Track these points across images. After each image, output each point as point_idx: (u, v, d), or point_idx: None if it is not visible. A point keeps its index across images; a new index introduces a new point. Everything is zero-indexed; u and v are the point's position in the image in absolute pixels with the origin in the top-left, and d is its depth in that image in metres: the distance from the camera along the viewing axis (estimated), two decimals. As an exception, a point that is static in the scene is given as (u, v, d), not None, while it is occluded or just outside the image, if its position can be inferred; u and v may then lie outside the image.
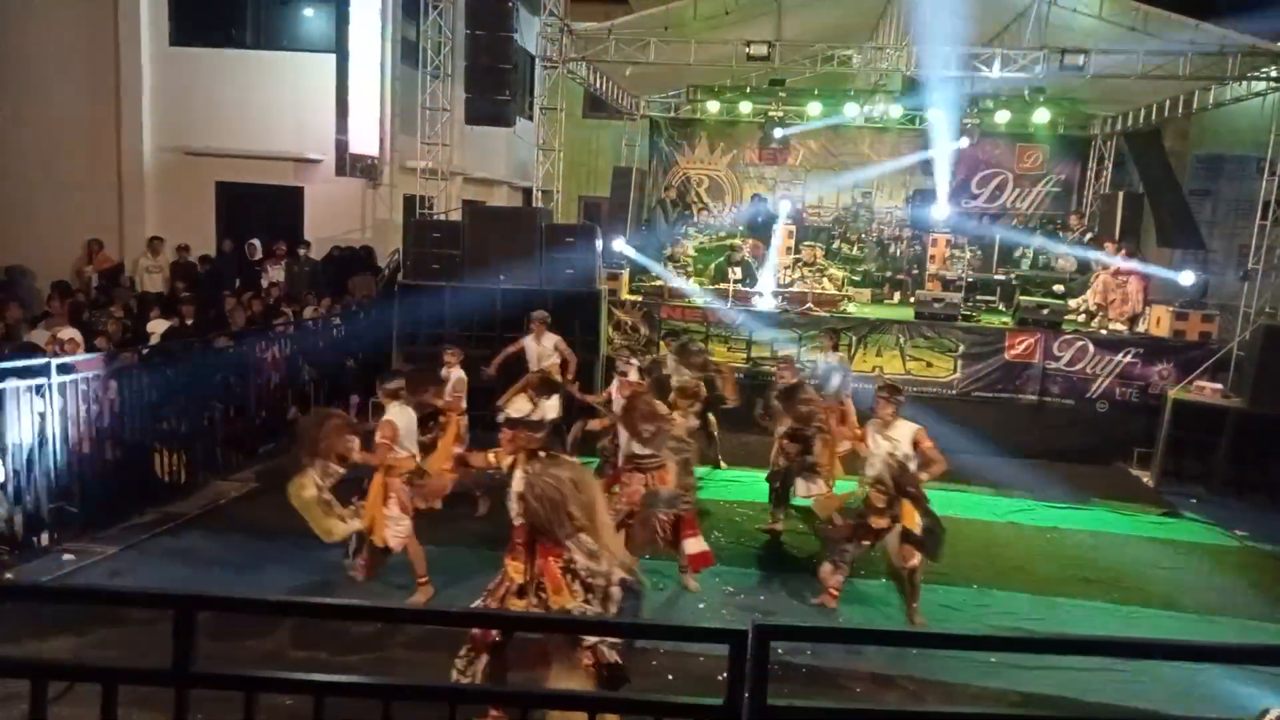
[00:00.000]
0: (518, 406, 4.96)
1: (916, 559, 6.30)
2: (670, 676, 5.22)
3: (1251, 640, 6.46)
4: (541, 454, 4.90)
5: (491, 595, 4.65)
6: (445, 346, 8.35)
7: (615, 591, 3.88)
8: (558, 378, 8.18)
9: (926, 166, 15.38)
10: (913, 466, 6.27)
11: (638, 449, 6.58)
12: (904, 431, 6.36)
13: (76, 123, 13.59)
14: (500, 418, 5.14)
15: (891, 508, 6.29)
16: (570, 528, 3.87)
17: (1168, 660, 2.02)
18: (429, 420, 7.14)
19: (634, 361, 8.05)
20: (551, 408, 7.03)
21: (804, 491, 7.71)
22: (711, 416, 9.28)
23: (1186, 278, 11.52)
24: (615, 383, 8.20)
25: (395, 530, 6.21)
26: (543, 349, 9.16)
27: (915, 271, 14.22)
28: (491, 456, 5.26)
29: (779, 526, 8.05)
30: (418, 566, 6.39)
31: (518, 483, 4.77)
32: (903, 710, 3.79)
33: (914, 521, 6.26)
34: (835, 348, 9.70)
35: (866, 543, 6.50)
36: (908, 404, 6.76)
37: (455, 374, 8.13)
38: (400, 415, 6.31)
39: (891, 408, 6.40)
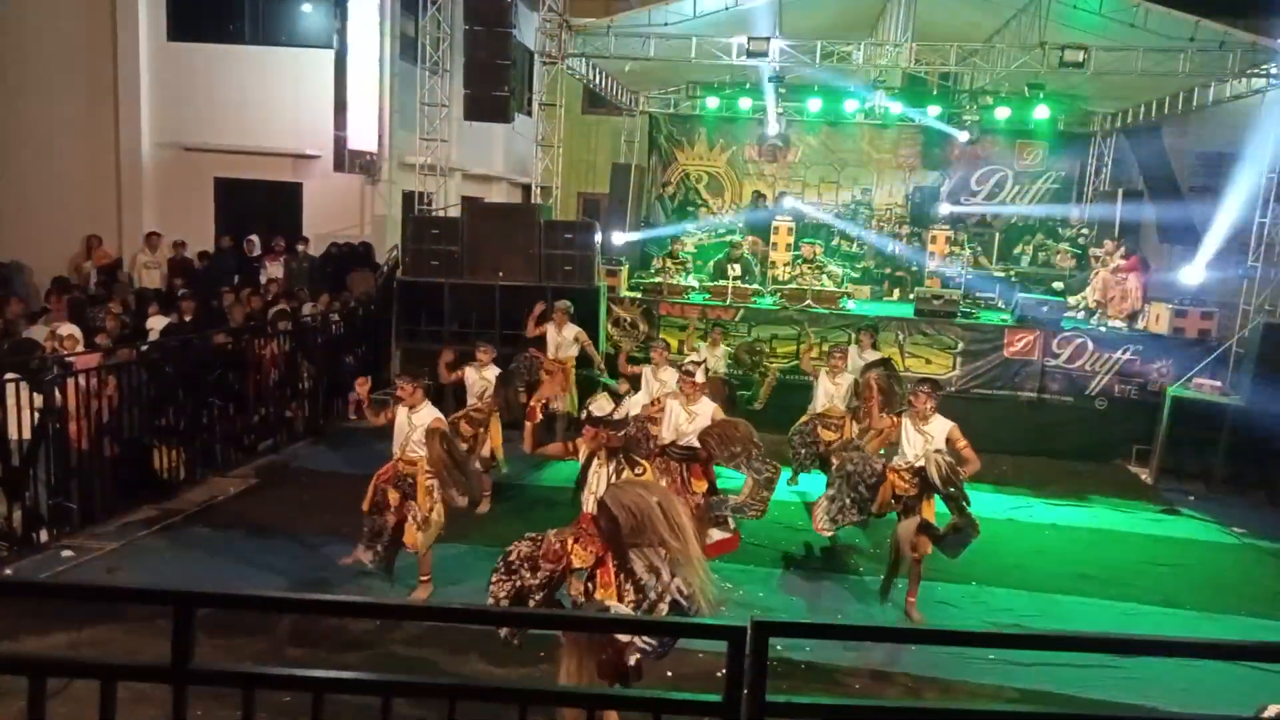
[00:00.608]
0: (599, 404, 4.94)
1: (926, 550, 6.31)
2: (669, 673, 5.21)
3: (1250, 637, 6.47)
4: (621, 454, 4.90)
5: (542, 555, 4.51)
6: (478, 345, 8.23)
7: (663, 608, 3.88)
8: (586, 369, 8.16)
9: (926, 163, 15.37)
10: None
11: (678, 440, 6.56)
12: (939, 427, 6.40)
13: (74, 118, 13.57)
14: (583, 414, 5.16)
15: (919, 499, 6.32)
16: (658, 546, 3.86)
17: (1165, 657, 2.01)
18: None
19: (697, 360, 7.85)
20: (636, 404, 6.97)
21: None
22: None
23: (1189, 274, 11.49)
24: (648, 371, 8.04)
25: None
26: (563, 339, 9.11)
27: (915, 268, 14.21)
28: (570, 446, 5.28)
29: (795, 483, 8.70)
30: (423, 564, 6.40)
31: (593, 483, 4.81)
32: (901, 706, 3.80)
33: (933, 514, 6.32)
34: (874, 345, 9.56)
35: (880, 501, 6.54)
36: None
37: (493, 372, 8.06)
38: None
39: (931, 402, 6.43)
